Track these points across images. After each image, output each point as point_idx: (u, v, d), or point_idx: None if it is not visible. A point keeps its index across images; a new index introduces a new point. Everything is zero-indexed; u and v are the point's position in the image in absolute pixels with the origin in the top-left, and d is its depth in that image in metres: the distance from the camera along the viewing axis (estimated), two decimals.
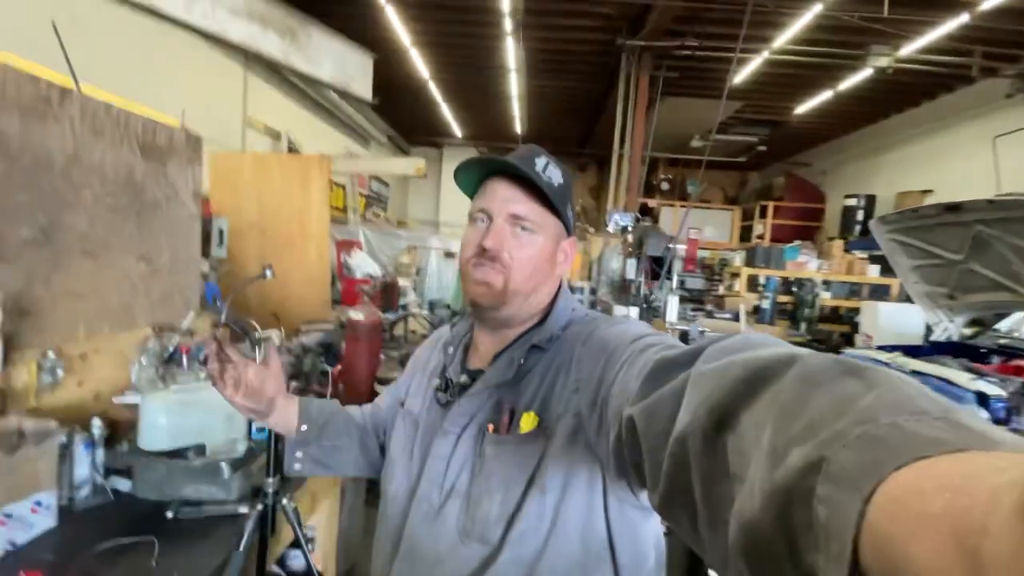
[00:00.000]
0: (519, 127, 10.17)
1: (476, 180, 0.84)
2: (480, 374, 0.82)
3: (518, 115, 9.46)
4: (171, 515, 1.35)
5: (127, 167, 1.69)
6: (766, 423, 0.33)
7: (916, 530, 0.22)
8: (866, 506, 0.24)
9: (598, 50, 7.03)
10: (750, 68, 6.72)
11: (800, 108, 8.16)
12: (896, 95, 7.47)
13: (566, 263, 0.86)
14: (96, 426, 1.44)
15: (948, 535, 0.20)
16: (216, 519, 1.37)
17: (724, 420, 0.37)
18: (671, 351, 0.53)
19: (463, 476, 0.76)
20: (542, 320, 0.84)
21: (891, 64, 5.87)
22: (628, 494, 0.72)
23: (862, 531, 0.24)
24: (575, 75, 8.06)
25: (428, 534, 0.76)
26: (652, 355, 0.55)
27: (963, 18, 4.92)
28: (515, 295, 0.79)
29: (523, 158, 0.79)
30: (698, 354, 0.46)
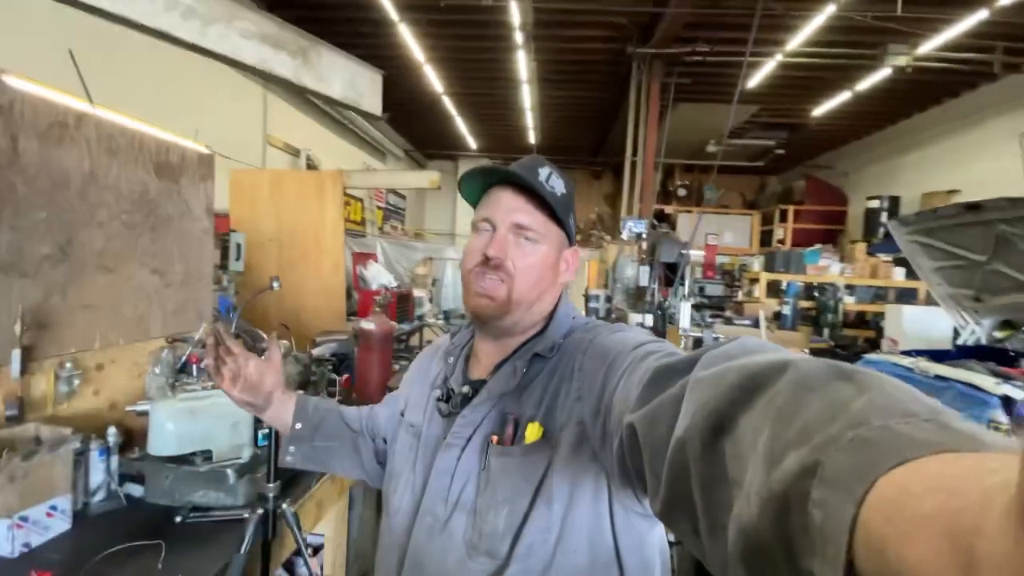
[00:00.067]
0: (532, 138, 10.26)
1: (480, 190, 0.85)
2: (482, 384, 0.82)
3: (531, 126, 9.54)
4: (179, 520, 1.39)
5: (141, 185, 1.77)
6: (762, 428, 0.34)
7: (910, 531, 0.22)
8: (859, 508, 0.24)
9: (609, 59, 7.06)
10: (764, 72, 6.66)
11: (818, 110, 8.04)
12: (917, 94, 7.31)
13: (568, 272, 0.87)
14: (111, 434, 1.50)
15: (942, 536, 0.21)
16: (222, 524, 1.41)
17: (721, 425, 0.38)
18: (670, 358, 0.54)
19: (468, 489, 0.75)
20: (543, 328, 0.84)
21: (910, 63, 5.75)
22: (633, 502, 0.72)
23: (856, 533, 0.24)
24: (587, 84, 8.11)
25: (434, 548, 0.75)
26: (652, 362, 0.55)
27: (982, 14, 4.80)
28: (518, 304, 0.79)
29: (527, 168, 0.80)
30: (696, 360, 0.47)
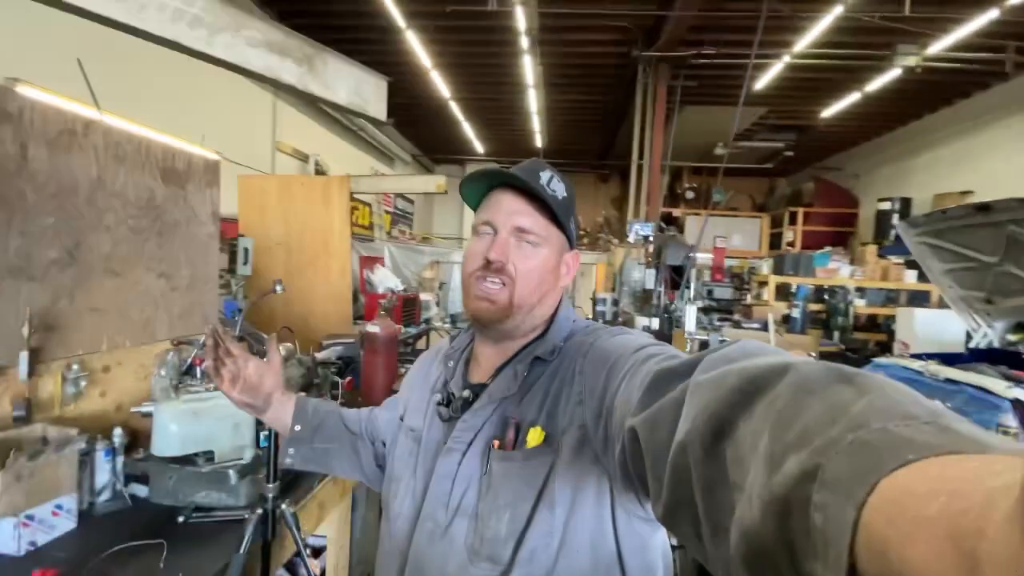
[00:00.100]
0: (539, 141, 10.28)
1: (480, 193, 0.84)
2: (482, 388, 0.81)
3: (538, 130, 9.56)
4: (182, 520, 1.41)
5: (148, 191, 1.81)
6: (762, 431, 0.34)
7: (912, 532, 0.22)
8: (860, 511, 0.24)
9: (615, 62, 7.07)
10: (771, 73, 6.62)
11: (826, 112, 7.98)
12: (928, 94, 7.23)
13: (568, 276, 0.86)
14: (117, 435, 1.53)
15: (945, 538, 0.21)
16: (224, 524, 1.43)
17: (722, 429, 0.38)
18: (671, 361, 0.53)
19: (470, 494, 0.75)
20: (544, 332, 0.83)
21: (919, 63, 5.69)
22: (636, 506, 0.72)
23: (858, 535, 0.24)
24: (593, 88, 8.12)
25: (435, 554, 0.75)
26: (653, 366, 0.55)
27: (992, 13, 4.75)
28: (519, 308, 0.79)
29: (527, 171, 0.79)
30: (697, 364, 0.47)
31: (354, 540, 2.18)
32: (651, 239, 5.75)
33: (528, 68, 6.82)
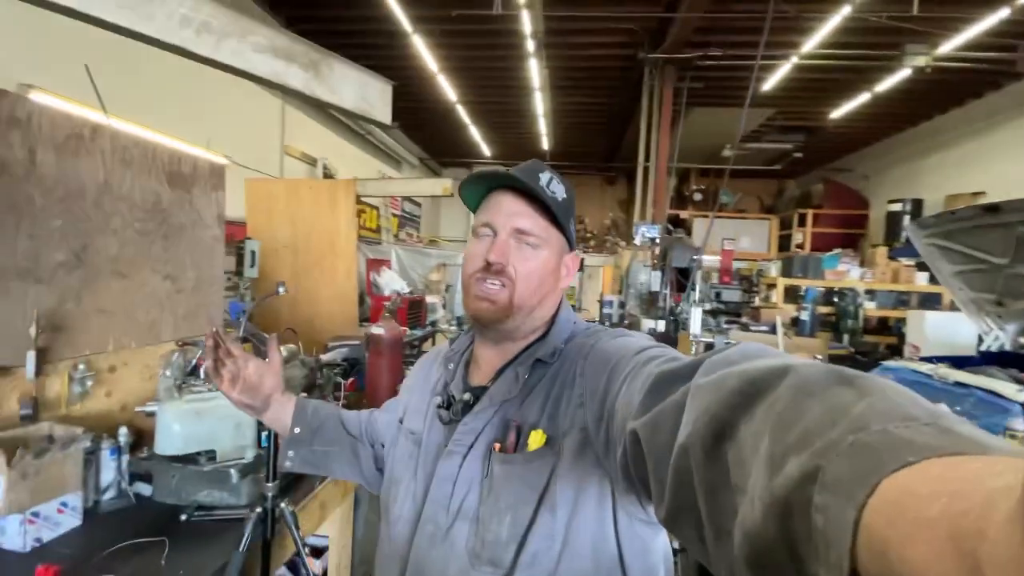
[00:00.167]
0: (546, 144, 10.30)
1: (480, 194, 0.84)
2: (483, 391, 0.81)
3: (544, 132, 9.58)
4: (184, 518, 1.43)
5: (154, 194, 1.84)
6: (763, 433, 0.34)
7: (913, 533, 0.22)
8: (861, 512, 0.24)
9: (621, 65, 7.07)
10: (779, 75, 6.59)
11: (835, 113, 7.92)
12: (938, 95, 7.15)
13: (568, 277, 0.86)
14: (122, 434, 1.55)
15: (945, 538, 0.21)
16: (226, 523, 1.44)
17: (723, 431, 0.38)
18: (672, 364, 0.53)
19: (471, 497, 0.74)
20: (545, 334, 0.83)
21: (929, 63, 5.63)
22: (637, 509, 0.71)
23: (859, 537, 0.24)
24: (599, 91, 8.12)
25: (436, 557, 0.74)
26: (654, 368, 0.55)
27: (1003, 13, 4.69)
28: (519, 309, 0.79)
29: (527, 172, 0.79)
30: (698, 366, 0.47)
31: (356, 540, 2.19)
32: (657, 241, 5.73)
33: (534, 71, 6.84)
